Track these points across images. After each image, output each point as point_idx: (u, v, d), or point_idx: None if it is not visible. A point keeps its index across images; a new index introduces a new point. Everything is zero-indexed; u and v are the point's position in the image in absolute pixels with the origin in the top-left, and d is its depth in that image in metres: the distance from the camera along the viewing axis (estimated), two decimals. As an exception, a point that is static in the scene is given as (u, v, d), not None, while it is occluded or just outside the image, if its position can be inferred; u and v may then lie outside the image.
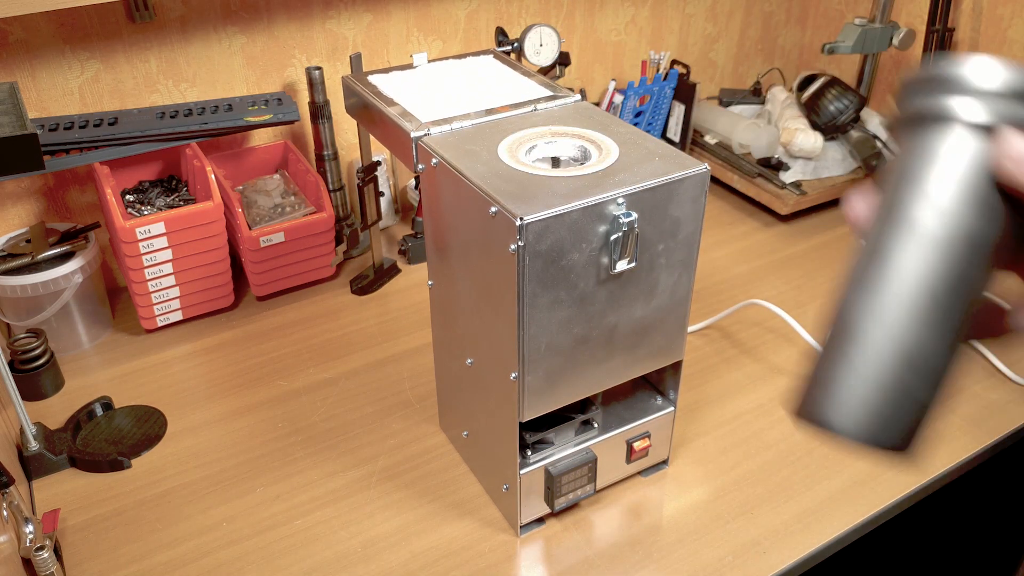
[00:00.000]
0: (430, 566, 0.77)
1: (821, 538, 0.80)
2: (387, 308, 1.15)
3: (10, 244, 1.03)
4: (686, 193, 0.68)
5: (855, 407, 0.34)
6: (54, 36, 1.01)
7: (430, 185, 0.75)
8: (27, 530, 0.73)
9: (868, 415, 0.34)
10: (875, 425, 0.34)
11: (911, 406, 0.34)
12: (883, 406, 0.34)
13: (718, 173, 1.41)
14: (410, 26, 1.25)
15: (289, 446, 0.91)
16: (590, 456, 0.78)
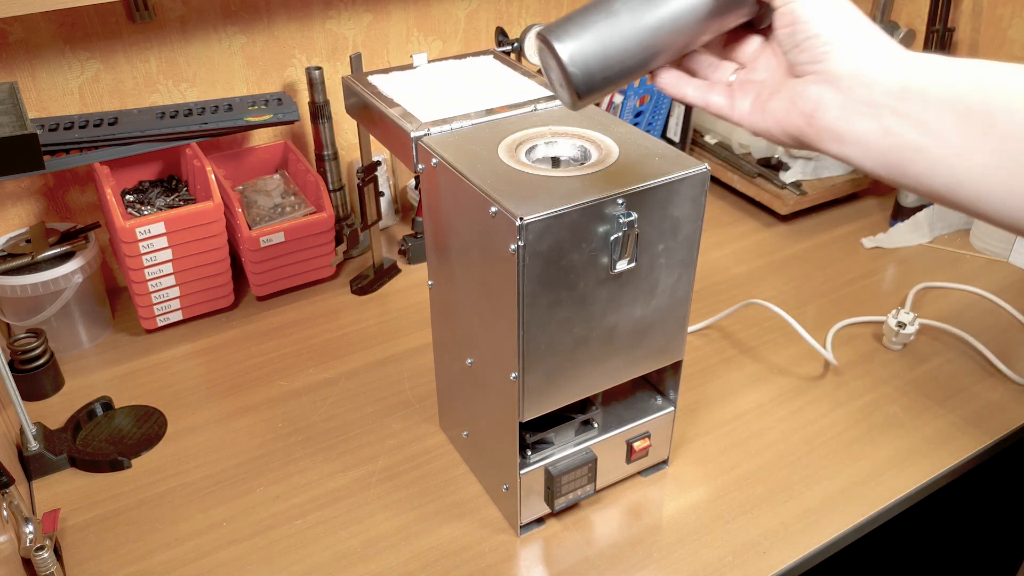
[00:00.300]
0: (430, 566, 0.77)
1: (821, 538, 0.80)
2: (387, 308, 1.15)
3: (10, 244, 1.04)
4: (686, 193, 0.68)
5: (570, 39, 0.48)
6: (54, 36, 1.01)
7: (430, 185, 0.75)
8: (27, 530, 0.73)
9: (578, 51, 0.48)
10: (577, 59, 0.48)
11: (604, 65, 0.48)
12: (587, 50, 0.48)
13: (718, 173, 1.41)
14: (410, 26, 1.25)
15: (289, 446, 0.91)
16: (590, 456, 0.78)
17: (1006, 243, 1.22)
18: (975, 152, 0.43)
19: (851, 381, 1.00)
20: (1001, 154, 0.43)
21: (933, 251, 1.26)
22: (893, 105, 0.46)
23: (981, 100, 0.43)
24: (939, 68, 0.45)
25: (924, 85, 0.45)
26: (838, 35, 0.47)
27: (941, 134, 0.44)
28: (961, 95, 0.44)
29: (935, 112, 0.44)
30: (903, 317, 1.03)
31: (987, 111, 0.43)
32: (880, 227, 1.32)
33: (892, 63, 0.46)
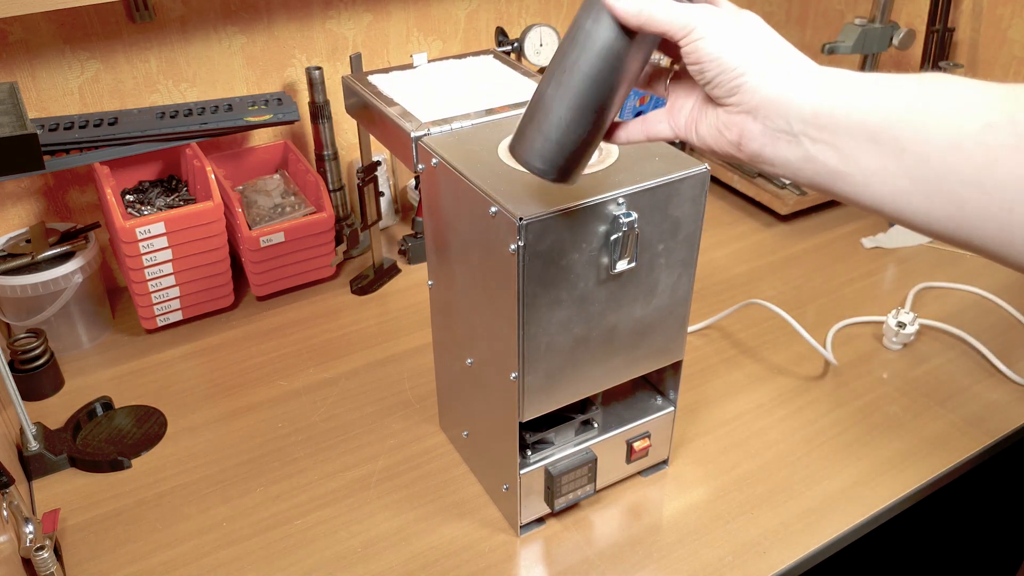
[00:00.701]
0: (430, 566, 0.77)
1: (821, 538, 0.80)
2: (387, 308, 1.15)
3: (10, 244, 1.04)
4: (686, 193, 0.68)
5: (528, 145, 0.54)
6: (54, 36, 1.01)
7: (430, 185, 0.75)
8: (27, 530, 0.73)
9: (535, 151, 0.53)
10: (524, 151, 0.54)
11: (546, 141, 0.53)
12: (531, 138, 0.54)
13: (718, 173, 1.41)
14: (410, 26, 1.25)
15: (289, 446, 0.91)
16: (590, 456, 0.78)
17: (1006, 243, 1.22)
18: (892, 176, 0.43)
19: (851, 381, 1.00)
20: (915, 179, 0.43)
21: (933, 251, 1.26)
22: (811, 133, 0.46)
23: (888, 125, 0.43)
24: (848, 91, 0.45)
25: (834, 112, 0.45)
26: (748, 66, 0.47)
27: (859, 161, 0.45)
28: (869, 121, 0.44)
29: (849, 139, 0.45)
30: (903, 317, 1.03)
31: (895, 137, 0.43)
32: (880, 227, 1.32)
33: (804, 88, 0.46)
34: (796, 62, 0.48)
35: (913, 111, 0.43)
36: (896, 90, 0.44)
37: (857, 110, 0.44)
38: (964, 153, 0.40)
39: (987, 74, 1.37)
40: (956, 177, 0.41)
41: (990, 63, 1.36)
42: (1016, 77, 1.33)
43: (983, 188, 0.40)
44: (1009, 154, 0.39)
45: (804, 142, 0.47)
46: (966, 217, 0.41)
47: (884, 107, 0.44)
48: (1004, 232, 0.40)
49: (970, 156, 0.40)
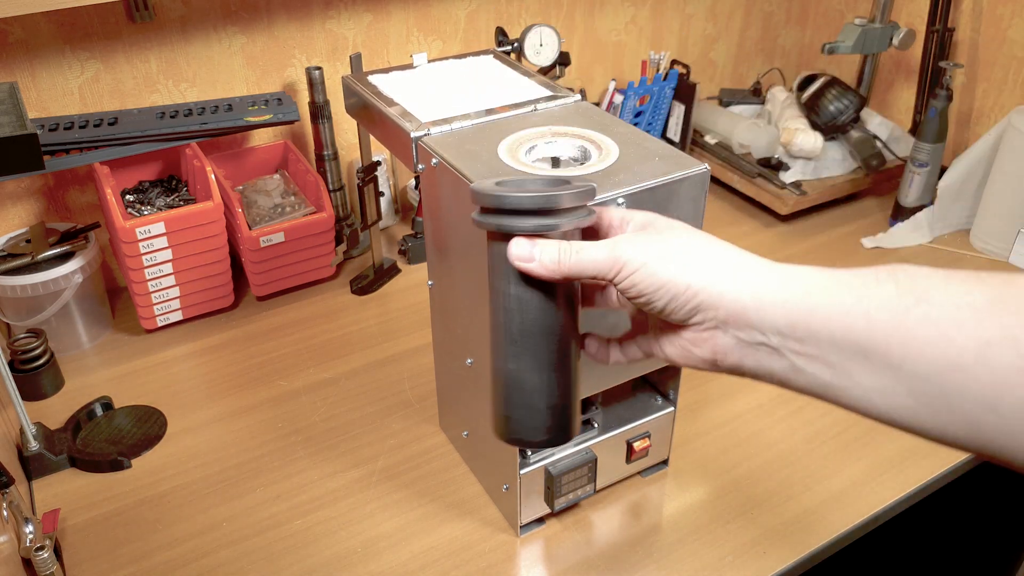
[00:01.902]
0: (430, 566, 0.77)
1: (821, 538, 0.80)
2: (387, 308, 1.15)
3: (10, 244, 1.03)
4: (686, 193, 0.68)
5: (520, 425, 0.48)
6: (54, 36, 1.01)
7: (430, 185, 0.75)
8: (27, 530, 0.73)
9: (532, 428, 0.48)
10: (517, 431, 0.49)
11: (534, 413, 0.48)
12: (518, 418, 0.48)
13: (718, 173, 1.41)
14: (410, 26, 1.25)
15: (289, 446, 0.91)
16: (590, 456, 0.78)
17: (1006, 243, 1.22)
18: (893, 394, 0.38)
19: (851, 381, 1.00)
20: (919, 397, 0.37)
21: (933, 251, 1.26)
22: (792, 346, 0.41)
23: (875, 340, 0.38)
24: (820, 295, 0.41)
25: (811, 323, 0.40)
26: (701, 281, 0.42)
27: (852, 375, 0.39)
28: (853, 334, 0.39)
29: (836, 353, 0.40)
30: (903, 317, 1.03)
31: (885, 354, 0.38)
32: (880, 227, 1.32)
33: (772, 294, 0.42)
34: (750, 263, 0.43)
35: (898, 324, 0.37)
36: (873, 294, 0.39)
37: (837, 320, 0.39)
38: (968, 374, 0.35)
39: (987, 74, 1.37)
40: (964, 398, 0.36)
41: (990, 63, 1.36)
42: (1016, 77, 1.33)
43: (998, 412, 0.35)
44: (1017, 377, 0.34)
45: (789, 355, 0.41)
46: (985, 436, 0.36)
47: (865, 316, 0.38)
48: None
49: (975, 378, 0.35)
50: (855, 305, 0.39)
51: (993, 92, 1.37)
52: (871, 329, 0.38)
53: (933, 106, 1.24)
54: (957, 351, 0.35)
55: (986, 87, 1.38)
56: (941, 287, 0.38)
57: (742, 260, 0.43)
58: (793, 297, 0.41)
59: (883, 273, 0.40)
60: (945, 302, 0.37)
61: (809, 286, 0.41)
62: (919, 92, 1.44)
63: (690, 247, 0.44)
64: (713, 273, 0.43)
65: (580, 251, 0.45)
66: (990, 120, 1.39)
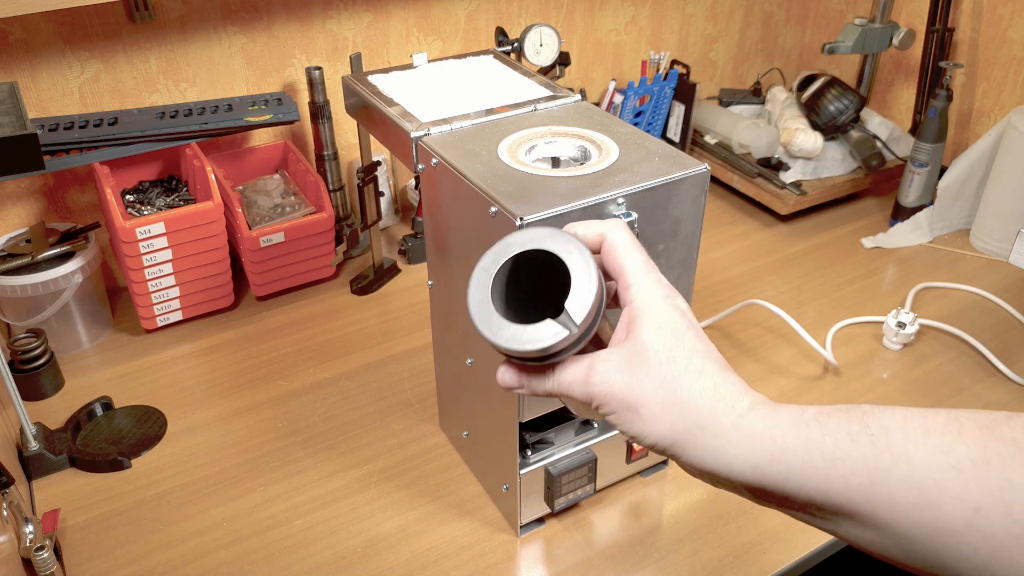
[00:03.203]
0: (430, 566, 0.77)
1: (821, 538, 0.80)
2: (387, 308, 1.15)
3: (10, 244, 1.03)
4: (686, 193, 0.68)
5: None
6: (54, 36, 1.01)
7: (430, 185, 0.75)
8: (27, 530, 0.73)
9: None
10: None
11: None
12: None
13: (718, 173, 1.41)
14: (410, 26, 1.25)
15: (289, 446, 0.91)
16: (590, 456, 0.78)
17: (1006, 243, 1.22)
18: (885, 549, 0.37)
19: (851, 381, 1.00)
20: (913, 556, 0.36)
21: (933, 251, 1.26)
22: (770, 502, 0.41)
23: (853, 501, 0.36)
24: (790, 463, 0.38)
25: (787, 488, 0.39)
26: (666, 443, 0.41)
27: (839, 526, 0.38)
28: (831, 498, 0.37)
29: (817, 510, 0.39)
30: (903, 317, 1.03)
31: (867, 514, 0.36)
32: (880, 227, 1.32)
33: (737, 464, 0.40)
34: (717, 423, 0.40)
35: (878, 488, 0.36)
36: (847, 456, 0.37)
37: (812, 486, 0.37)
38: (959, 539, 0.34)
39: (987, 74, 1.37)
40: (959, 560, 0.34)
41: (990, 63, 1.36)
42: (1016, 77, 1.33)
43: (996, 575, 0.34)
44: (1013, 543, 0.33)
45: (769, 506, 0.41)
46: None
47: (842, 481, 0.36)
48: None
49: (968, 543, 0.34)
50: (829, 469, 0.37)
51: (993, 92, 1.37)
52: (850, 494, 0.36)
53: (933, 106, 1.24)
54: (945, 517, 0.34)
55: (986, 87, 1.38)
56: (919, 441, 0.36)
57: (712, 412, 0.40)
58: (761, 464, 0.39)
59: (855, 424, 0.37)
60: (927, 463, 0.35)
61: (776, 450, 0.39)
62: (919, 92, 1.44)
63: (658, 395, 0.40)
64: (677, 433, 0.40)
65: (561, 382, 0.43)
66: (990, 120, 1.39)
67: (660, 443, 0.41)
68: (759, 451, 0.39)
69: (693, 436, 0.40)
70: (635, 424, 0.41)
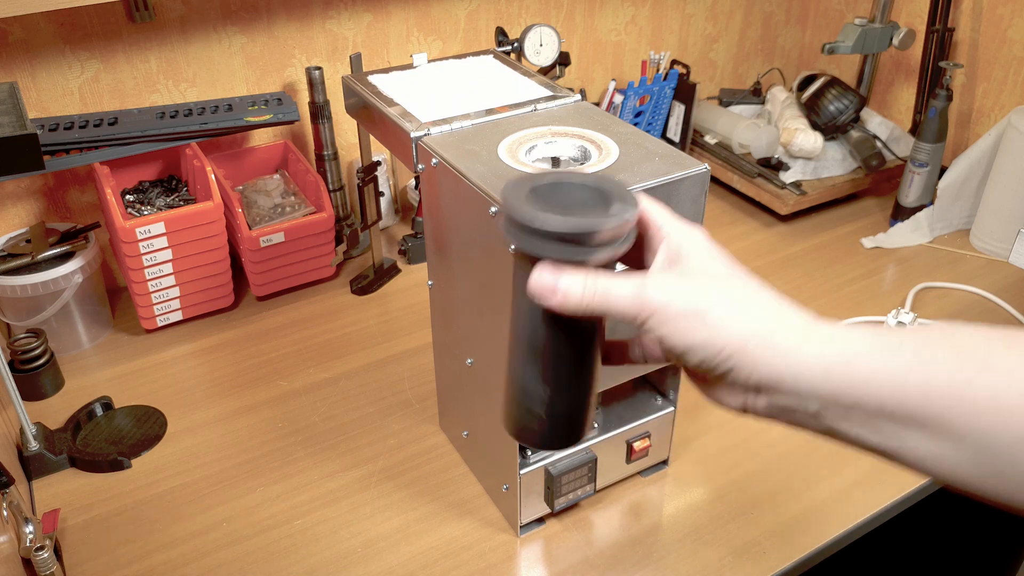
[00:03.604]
0: (430, 566, 0.77)
1: (821, 538, 0.80)
2: (387, 308, 1.15)
3: (10, 244, 1.03)
4: (686, 193, 0.68)
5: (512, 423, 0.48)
6: (54, 36, 1.01)
7: (430, 185, 0.75)
8: (27, 530, 0.73)
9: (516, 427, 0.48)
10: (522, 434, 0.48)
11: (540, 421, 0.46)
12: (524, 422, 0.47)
13: (718, 173, 1.41)
14: (410, 26, 1.25)
15: (289, 446, 0.91)
16: (590, 456, 0.78)
17: (1006, 243, 1.22)
18: (952, 462, 0.36)
19: (851, 381, 1.00)
20: (983, 466, 0.36)
21: (933, 251, 1.26)
22: (835, 412, 0.38)
23: (934, 410, 0.36)
24: (871, 361, 0.37)
25: (858, 393, 0.37)
26: (733, 347, 0.38)
27: (905, 442, 0.37)
28: (908, 403, 0.36)
29: (887, 423, 0.37)
30: (903, 317, 1.03)
31: (948, 424, 0.35)
32: (880, 227, 1.32)
33: (814, 359, 0.38)
34: (788, 323, 0.39)
35: (960, 395, 0.35)
36: (928, 361, 0.36)
37: (887, 391, 0.36)
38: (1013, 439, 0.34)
39: (987, 74, 1.37)
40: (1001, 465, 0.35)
41: (990, 63, 1.36)
42: (1016, 77, 1.33)
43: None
44: None
45: (827, 419, 0.39)
46: None
47: (921, 386, 0.36)
48: None
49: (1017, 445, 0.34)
50: (908, 374, 0.36)
51: (993, 92, 1.37)
52: (928, 400, 0.35)
53: (933, 106, 1.24)
54: (1009, 409, 0.34)
55: (986, 87, 1.38)
56: (1002, 353, 0.35)
57: (779, 318, 0.39)
58: (834, 366, 0.37)
59: (935, 335, 0.37)
60: (1012, 371, 0.34)
61: (851, 353, 0.37)
62: (919, 92, 1.44)
63: (725, 300, 0.39)
64: (748, 336, 0.39)
65: (607, 291, 0.40)
66: (990, 120, 1.39)
67: (727, 348, 0.39)
68: (833, 352, 0.37)
69: (764, 338, 0.38)
70: (698, 332, 0.39)
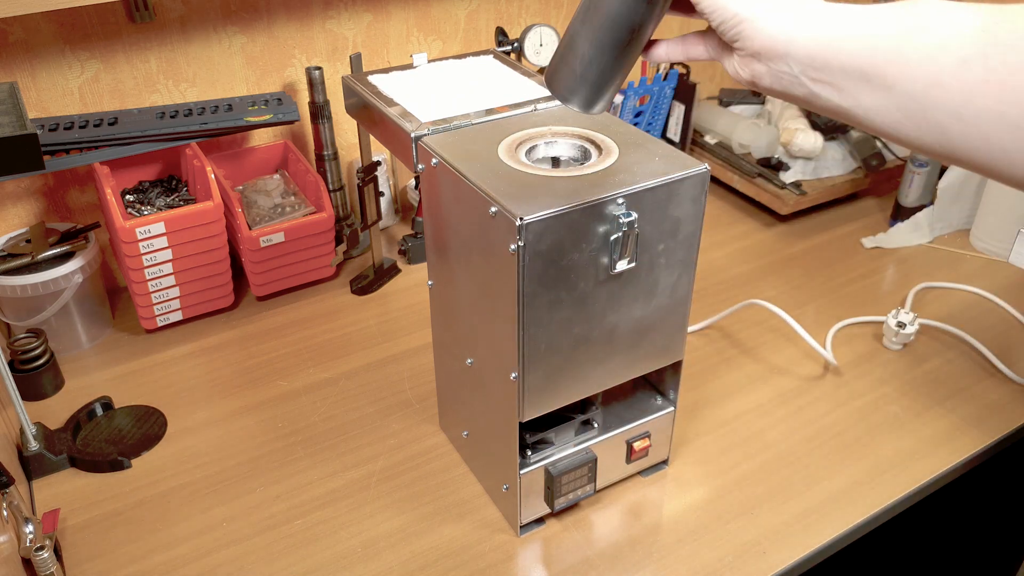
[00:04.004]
0: (430, 566, 0.77)
1: (821, 538, 0.80)
2: (387, 308, 1.15)
3: (10, 244, 1.04)
4: (686, 193, 0.68)
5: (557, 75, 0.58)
6: (54, 36, 1.01)
7: (430, 185, 0.75)
8: (27, 530, 0.73)
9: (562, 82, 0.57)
10: (554, 84, 0.58)
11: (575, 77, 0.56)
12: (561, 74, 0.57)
13: (718, 173, 1.41)
14: (410, 26, 1.25)
15: (289, 446, 0.91)
16: (590, 456, 0.78)
17: (1006, 243, 1.22)
18: (886, 110, 0.47)
19: (851, 381, 1.00)
20: (905, 112, 0.46)
21: (933, 251, 1.26)
22: (811, 74, 0.49)
23: (876, 66, 0.46)
24: (840, 29, 0.48)
25: (826, 54, 0.48)
26: (746, 11, 0.50)
27: (857, 97, 0.48)
28: (859, 62, 0.47)
29: (845, 79, 0.48)
30: (903, 317, 1.03)
31: (883, 75, 0.46)
32: (880, 227, 1.32)
33: (800, 31, 0.49)
34: (792, 3, 0.50)
35: (898, 50, 0.46)
36: (881, 25, 0.47)
37: (848, 50, 0.47)
38: (943, 89, 0.44)
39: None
40: (939, 110, 0.45)
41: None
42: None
43: (963, 120, 0.44)
44: (982, 88, 0.43)
45: (808, 83, 0.50)
46: (952, 142, 0.46)
47: (871, 46, 0.47)
48: (983, 154, 0.45)
49: (948, 92, 0.44)
50: (864, 37, 0.47)
51: (993, 92, 1.37)
52: (874, 57, 0.46)
53: (933, 106, 1.23)
54: (937, 70, 0.44)
55: (986, 87, 1.38)
56: (935, 12, 0.45)
57: (778, 4, 0.50)
58: (818, 34, 0.49)
59: (903, 6, 0.47)
60: (940, 28, 0.44)
61: (832, 26, 0.48)
62: (919, 92, 1.44)
63: None
64: (759, 7, 0.50)
65: None
66: (990, 120, 1.38)
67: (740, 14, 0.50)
68: (818, 27, 0.48)
69: (767, 14, 0.50)
70: (718, 8, 0.51)
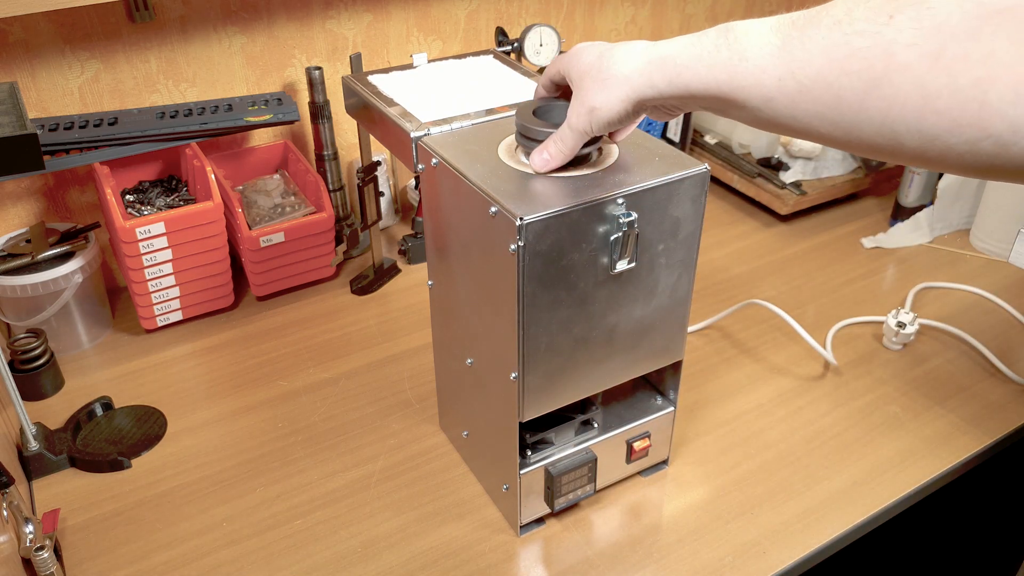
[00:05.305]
0: (430, 566, 0.77)
1: (821, 538, 0.80)
2: (387, 308, 1.15)
3: (10, 244, 1.04)
4: (686, 193, 0.68)
5: None
6: (54, 36, 1.01)
7: (430, 185, 0.75)
8: (27, 530, 0.73)
9: None
10: None
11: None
12: None
13: (718, 173, 1.41)
14: (410, 26, 1.25)
15: (289, 446, 0.91)
16: (590, 456, 0.78)
17: (1006, 243, 1.22)
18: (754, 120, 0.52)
19: (851, 381, 1.00)
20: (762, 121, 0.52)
21: (933, 251, 1.26)
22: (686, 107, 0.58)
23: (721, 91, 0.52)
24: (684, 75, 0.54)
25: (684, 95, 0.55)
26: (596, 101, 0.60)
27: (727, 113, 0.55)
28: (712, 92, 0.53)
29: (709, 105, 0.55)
30: (903, 317, 1.03)
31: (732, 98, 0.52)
32: (880, 227, 1.32)
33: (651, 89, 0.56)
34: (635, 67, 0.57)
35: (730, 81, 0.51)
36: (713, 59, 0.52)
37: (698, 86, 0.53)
38: (778, 103, 0.50)
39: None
40: (781, 117, 0.51)
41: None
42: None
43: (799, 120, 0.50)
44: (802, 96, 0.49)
45: (685, 109, 0.59)
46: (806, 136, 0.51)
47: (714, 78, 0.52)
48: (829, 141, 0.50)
49: (782, 104, 0.50)
50: (705, 74, 0.53)
51: (993, 92, 1.37)
52: (719, 88, 0.52)
53: (933, 106, 1.23)
54: (767, 88, 0.50)
55: (986, 87, 1.38)
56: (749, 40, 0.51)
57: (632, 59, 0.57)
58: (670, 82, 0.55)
59: (720, 40, 0.52)
60: (754, 56, 0.50)
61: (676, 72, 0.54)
62: (919, 92, 1.44)
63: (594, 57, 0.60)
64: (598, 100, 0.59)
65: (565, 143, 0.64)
66: (990, 120, 1.38)
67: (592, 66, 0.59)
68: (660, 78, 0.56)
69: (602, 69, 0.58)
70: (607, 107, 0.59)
